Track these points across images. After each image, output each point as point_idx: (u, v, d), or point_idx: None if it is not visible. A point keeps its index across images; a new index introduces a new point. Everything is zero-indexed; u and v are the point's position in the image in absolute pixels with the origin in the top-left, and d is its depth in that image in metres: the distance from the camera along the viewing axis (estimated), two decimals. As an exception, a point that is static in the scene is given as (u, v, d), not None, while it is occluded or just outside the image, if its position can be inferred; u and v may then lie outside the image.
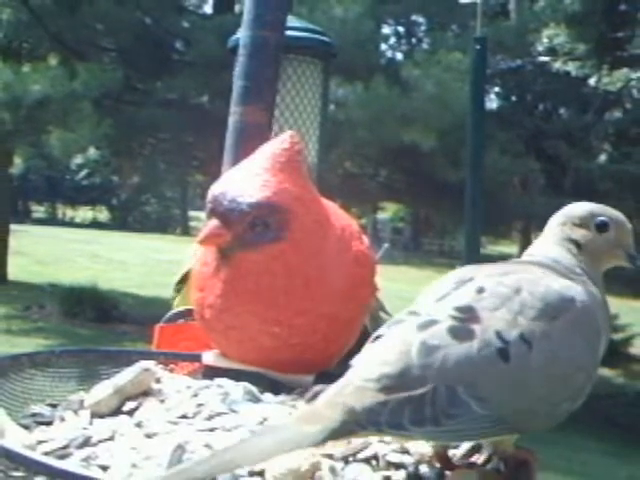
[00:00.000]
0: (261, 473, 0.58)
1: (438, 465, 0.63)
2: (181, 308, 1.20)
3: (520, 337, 0.58)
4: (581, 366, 0.62)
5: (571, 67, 8.20)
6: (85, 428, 0.66)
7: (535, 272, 0.66)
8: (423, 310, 0.62)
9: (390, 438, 0.62)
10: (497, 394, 0.57)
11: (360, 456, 0.61)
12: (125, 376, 0.72)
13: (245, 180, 0.76)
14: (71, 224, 21.24)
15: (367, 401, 0.54)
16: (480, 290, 0.62)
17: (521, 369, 0.58)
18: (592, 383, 0.64)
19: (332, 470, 0.60)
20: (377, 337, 0.62)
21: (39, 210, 24.43)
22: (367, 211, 14.75)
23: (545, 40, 7.79)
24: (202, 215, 0.88)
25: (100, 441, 0.62)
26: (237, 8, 7.31)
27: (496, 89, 9.68)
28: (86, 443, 0.62)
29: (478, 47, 2.03)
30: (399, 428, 0.54)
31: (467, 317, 0.59)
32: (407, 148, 5.67)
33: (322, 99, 1.66)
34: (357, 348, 0.85)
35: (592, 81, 8.65)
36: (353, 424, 0.54)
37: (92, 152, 11.58)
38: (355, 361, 0.60)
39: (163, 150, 8.13)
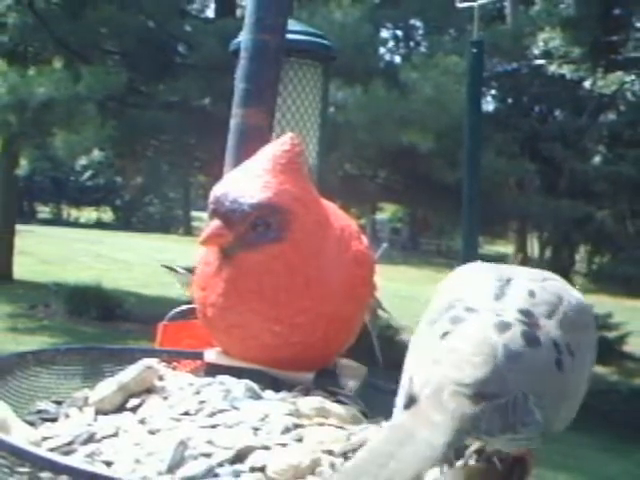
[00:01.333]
0: (262, 469, 0.59)
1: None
2: (183, 307, 1.21)
3: (567, 347, 0.60)
4: (590, 371, 0.65)
5: (566, 70, 8.22)
6: (89, 425, 0.66)
7: (557, 278, 0.68)
8: (480, 307, 0.61)
9: None
10: (551, 402, 0.58)
11: (359, 452, 0.62)
12: (129, 374, 0.72)
13: (246, 181, 0.77)
14: (76, 224, 21.25)
15: (469, 409, 0.54)
16: (531, 294, 0.62)
17: (568, 379, 0.60)
18: None
19: (332, 466, 0.60)
20: (445, 333, 0.60)
21: (44, 210, 24.42)
22: (366, 212, 14.74)
23: (541, 43, 7.81)
24: (204, 215, 0.89)
25: (104, 437, 0.63)
26: (238, 12, 7.31)
27: (492, 92, 9.69)
28: (90, 439, 0.63)
29: (475, 50, 2.02)
30: (491, 435, 0.55)
31: (531, 322, 0.60)
32: (405, 150, 5.67)
33: (322, 102, 1.66)
34: (356, 346, 0.86)
35: (587, 84, 8.67)
36: (463, 432, 0.54)
37: (96, 154, 11.62)
38: (428, 356, 0.58)
39: (166, 151, 8.12)
